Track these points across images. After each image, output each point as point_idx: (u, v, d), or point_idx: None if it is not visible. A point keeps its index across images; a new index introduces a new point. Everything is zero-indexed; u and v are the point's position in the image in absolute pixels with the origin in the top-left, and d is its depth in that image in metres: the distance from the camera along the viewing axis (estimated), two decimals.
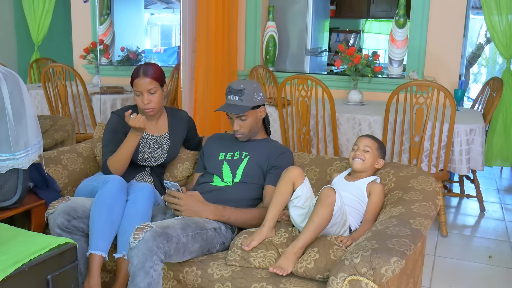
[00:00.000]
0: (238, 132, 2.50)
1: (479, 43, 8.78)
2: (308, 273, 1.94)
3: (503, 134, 4.64)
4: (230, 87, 2.46)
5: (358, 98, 4.27)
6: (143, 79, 2.53)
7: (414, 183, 2.31)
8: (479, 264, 3.26)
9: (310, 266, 1.94)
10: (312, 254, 1.98)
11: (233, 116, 2.47)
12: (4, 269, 1.51)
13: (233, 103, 2.43)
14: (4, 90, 1.88)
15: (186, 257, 2.08)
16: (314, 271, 1.93)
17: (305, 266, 1.95)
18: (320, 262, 1.94)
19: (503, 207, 4.41)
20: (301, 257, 2.00)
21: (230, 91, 2.45)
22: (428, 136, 3.49)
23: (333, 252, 1.98)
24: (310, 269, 1.94)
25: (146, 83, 2.53)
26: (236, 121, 2.48)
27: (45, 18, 6.39)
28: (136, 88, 2.55)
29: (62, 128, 3.88)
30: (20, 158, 1.95)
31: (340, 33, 8.59)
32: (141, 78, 2.53)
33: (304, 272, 1.94)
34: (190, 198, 2.22)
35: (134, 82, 2.55)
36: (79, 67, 6.07)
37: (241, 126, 2.48)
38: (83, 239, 2.25)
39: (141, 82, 2.53)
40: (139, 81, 2.53)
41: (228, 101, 2.45)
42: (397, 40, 4.60)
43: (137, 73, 2.55)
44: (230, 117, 2.50)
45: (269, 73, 5.11)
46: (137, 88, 2.54)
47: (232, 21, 4.73)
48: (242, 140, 2.54)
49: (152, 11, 9.30)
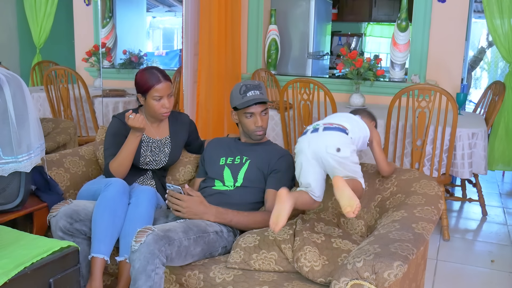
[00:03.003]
0: (261, 128, 2.50)
1: (481, 47, 8.79)
2: (311, 275, 1.93)
3: (505, 138, 4.64)
4: (246, 85, 2.46)
5: (360, 102, 4.27)
6: (165, 83, 2.54)
7: (417, 187, 2.31)
8: (481, 269, 3.25)
9: (317, 268, 1.93)
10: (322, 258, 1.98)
11: (257, 112, 2.46)
12: (6, 272, 1.51)
13: (257, 97, 2.44)
14: (7, 93, 1.88)
15: (188, 261, 2.08)
16: (318, 274, 1.92)
17: (312, 266, 1.94)
18: (328, 267, 1.94)
19: (505, 211, 4.41)
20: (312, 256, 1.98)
21: (248, 88, 2.45)
22: (430, 140, 3.49)
23: (341, 261, 1.96)
24: (315, 271, 1.93)
25: (167, 87, 2.55)
26: (260, 117, 2.48)
27: (47, 21, 6.40)
28: (158, 93, 2.53)
29: (64, 131, 3.88)
30: (23, 161, 1.95)
31: (342, 37, 8.59)
32: (163, 83, 2.54)
33: (308, 272, 1.93)
34: (192, 200, 2.22)
35: (155, 88, 2.53)
36: (81, 70, 6.09)
37: (263, 121, 2.49)
38: (85, 242, 2.25)
39: (163, 87, 2.54)
40: (162, 86, 2.53)
41: (250, 97, 2.45)
42: (399, 43, 4.60)
43: (157, 79, 2.53)
44: (250, 115, 2.47)
45: (271, 76, 5.12)
46: (159, 93, 2.53)
47: (234, 24, 4.73)
48: (260, 139, 2.54)
49: (154, 14, 9.31)
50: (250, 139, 2.57)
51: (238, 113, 2.52)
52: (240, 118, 2.52)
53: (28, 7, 6.43)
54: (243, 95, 2.45)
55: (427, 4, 4.54)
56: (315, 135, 2.21)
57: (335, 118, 2.32)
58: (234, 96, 2.49)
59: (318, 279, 1.93)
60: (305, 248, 2.02)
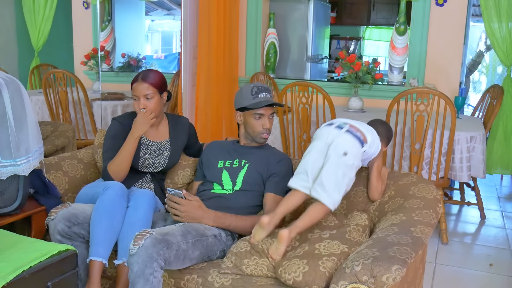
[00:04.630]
0: (268, 131, 2.51)
1: (479, 51, 8.80)
2: (297, 285, 1.91)
3: (503, 142, 4.65)
4: (258, 86, 2.47)
5: (359, 105, 4.28)
6: (141, 84, 2.58)
7: (415, 190, 2.31)
8: (480, 272, 3.25)
9: (298, 279, 1.90)
10: (301, 266, 1.93)
11: (266, 114, 2.47)
12: (4, 276, 1.50)
13: (269, 99, 2.46)
14: (5, 97, 1.88)
15: (186, 264, 2.08)
16: (302, 283, 1.90)
17: (293, 278, 1.91)
18: (308, 275, 1.90)
19: (503, 215, 4.41)
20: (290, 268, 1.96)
21: (260, 90, 2.46)
22: (429, 144, 3.49)
23: (323, 264, 1.92)
24: (298, 282, 1.90)
25: (143, 88, 2.57)
26: (268, 119, 2.49)
27: (45, 25, 6.40)
28: (134, 92, 2.60)
29: (62, 134, 3.88)
30: (21, 164, 1.95)
31: (341, 40, 8.60)
32: (139, 83, 2.58)
33: (293, 284, 1.92)
34: (190, 204, 2.22)
35: (133, 87, 2.61)
36: (80, 73, 6.08)
37: (270, 124, 2.51)
38: (84, 246, 2.25)
39: (139, 87, 2.58)
40: (137, 86, 2.59)
41: (262, 98, 2.45)
42: (398, 47, 4.61)
43: (136, 78, 2.61)
44: (259, 116, 2.47)
45: (269, 80, 5.12)
46: (135, 92, 2.60)
47: (233, 28, 4.74)
48: (264, 142, 2.55)
49: (153, 18, 9.33)
50: (250, 142, 2.57)
51: (245, 114, 2.50)
52: (247, 119, 2.50)
53: (26, 10, 6.42)
54: (255, 96, 2.44)
55: (426, 8, 4.55)
56: (337, 131, 2.25)
57: (362, 126, 2.33)
58: (244, 96, 2.47)
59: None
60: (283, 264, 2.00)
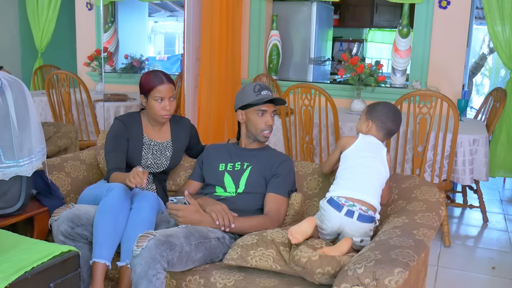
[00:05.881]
0: (270, 128, 2.53)
1: (482, 53, 8.80)
2: (309, 265, 1.90)
3: (506, 145, 4.64)
4: (260, 84, 2.51)
5: (361, 107, 4.27)
6: (168, 85, 2.57)
7: (418, 193, 2.31)
8: (482, 275, 3.25)
9: (314, 258, 1.90)
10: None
11: (269, 111, 2.50)
12: (7, 276, 1.51)
13: (271, 97, 2.49)
14: (9, 97, 1.88)
15: (189, 266, 2.08)
16: (316, 264, 1.89)
17: (309, 257, 1.91)
18: (325, 258, 1.91)
19: (506, 218, 4.40)
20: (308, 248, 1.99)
21: (262, 87, 2.50)
22: (431, 146, 3.49)
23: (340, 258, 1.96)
24: (313, 261, 1.90)
25: (169, 89, 2.57)
26: (270, 116, 2.52)
27: (49, 26, 6.43)
28: (159, 94, 2.55)
29: (65, 135, 3.88)
30: (24, 165, 1.95)
31: (344, 42, 8.59)
32: (166, 84, 2.56)
33: (306, 263, 1.91)
34: (188, 209, 2.22)
35: (157, 88, 2.55)
36: (83, 74, 6.10)
37: (273, 122, 2.53)
38: (87, 247, 2.25)
39: (165, 88, 2.56)
40: (163, 87, 2.56)
41: (265, 95, 2.48)
42: (401, 49, 4.61)
43: (160, 79, 2.56)
44: (263, 113, 2.49)
45: (272, 81, 5.12)
46: (160, 94, 2.55)
47: (236, 29, 4.74)
48: (266, 140, 2.57)
49: (156, 19, 9.35)
50: (251, 143, 2.57)
51: (247, 111, 2.51)
52: (249, 117, 2.51)
53: (30, 12, 6.45)
54: (257, 93, 2.47)
55: (429, 10, 4.55)
56: (349, 221, 2.17)
57: (369, 189, 2.23)
58: (247, 94, 2.50)
59: (316, 270, 1.89)
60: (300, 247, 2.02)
